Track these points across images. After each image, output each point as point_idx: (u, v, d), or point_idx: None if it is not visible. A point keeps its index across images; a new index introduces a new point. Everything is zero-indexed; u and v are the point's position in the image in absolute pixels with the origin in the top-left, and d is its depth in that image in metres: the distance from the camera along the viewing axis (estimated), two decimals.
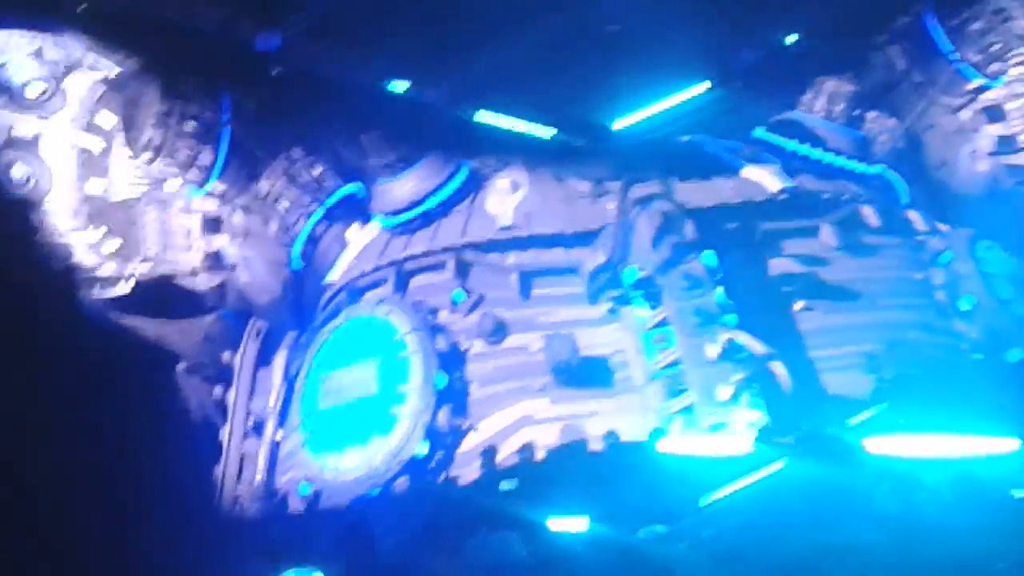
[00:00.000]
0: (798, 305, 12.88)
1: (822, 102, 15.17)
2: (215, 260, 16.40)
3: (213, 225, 16.38)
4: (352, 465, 12.49)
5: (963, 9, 15.22)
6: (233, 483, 14.16)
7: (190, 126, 15.51)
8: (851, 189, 14.40)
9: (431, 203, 14.39)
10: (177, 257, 16.38)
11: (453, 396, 12.67)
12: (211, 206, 16.47)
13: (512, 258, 13.63)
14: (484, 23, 14.86)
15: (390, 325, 13.10)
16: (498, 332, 13.08)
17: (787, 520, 10.97)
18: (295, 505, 13.22)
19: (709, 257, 12.49)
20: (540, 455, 12.22)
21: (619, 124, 14.39)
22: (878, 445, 11.03)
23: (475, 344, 13.13)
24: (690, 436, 11.58)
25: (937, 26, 15.43)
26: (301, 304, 16.25)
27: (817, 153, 14.64)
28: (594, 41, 14.35)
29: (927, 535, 10.92)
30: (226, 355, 15.17)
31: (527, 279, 13.49)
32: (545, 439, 12.26)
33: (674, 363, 11.99)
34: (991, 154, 15.81)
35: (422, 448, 12.35)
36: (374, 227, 15.24)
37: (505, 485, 12.08)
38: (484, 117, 14.60)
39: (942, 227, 14.67)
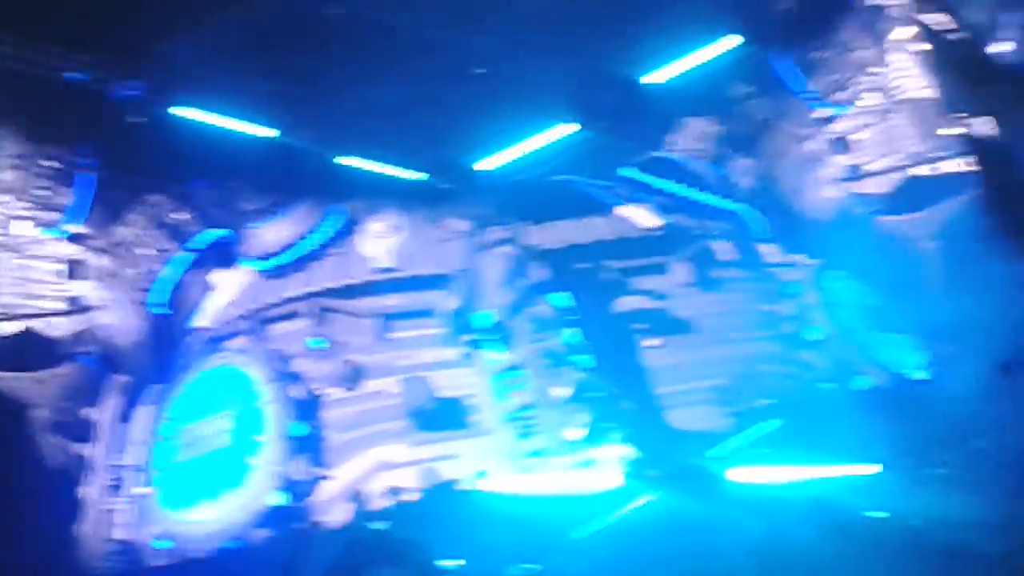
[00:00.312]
0: (651, 342, 13.18)
1: (687, 141, 15.60)
2: (76, 304, 16.55)
3: (74, 269, 16.55)
4: (208, 518, 12.38)
5: (808, 41, 15.81)
6: (95, 540, 13.92)
7: (47, 168, 15.33)
8: (710, 225, 14.83)
9: (304, 247, 14.41)
10: (35, 304, 16.17)
11: (310, 444, 12.64)
12: (72, 250, 16.51)
13: (370, 302, 13.70)
14: (350, 69, 14.93)
15: (245, 376, 13.04)
16: (355, 378, 13.10)
17: (657, 552, 11.16)
18: (154, 561, 13.04)
19: (562, 299, 12.73)
20: (405, 498, 12.25)
21: (485, 165, 14.76)
22: (742, 475, 11.31)
23: (333, 391, 13.13)
24: (549, 475, 11.73)
25: (784, 59, 15.95)
26: (164, 351, 16.11)
27: (683, 190, 15.09)
28: (461, 84, 14.57)
29: (793, 561, 11.20)
30: (89, 411, 14.90)
31: (385, 323, 13.54)
32: (403, 483, 12.32)
33: (526, 406, 12.14)
34: (838, 181, 16.46)
35: (279, 498, 12.30)
36: (245, 272, 15.18)
37: (376, 525, 12.05)
38: (351, 162, 14.87)
39: (796, 259, 15.15)
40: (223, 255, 15.81)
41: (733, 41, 13.81)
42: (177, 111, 13.69)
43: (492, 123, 14.63)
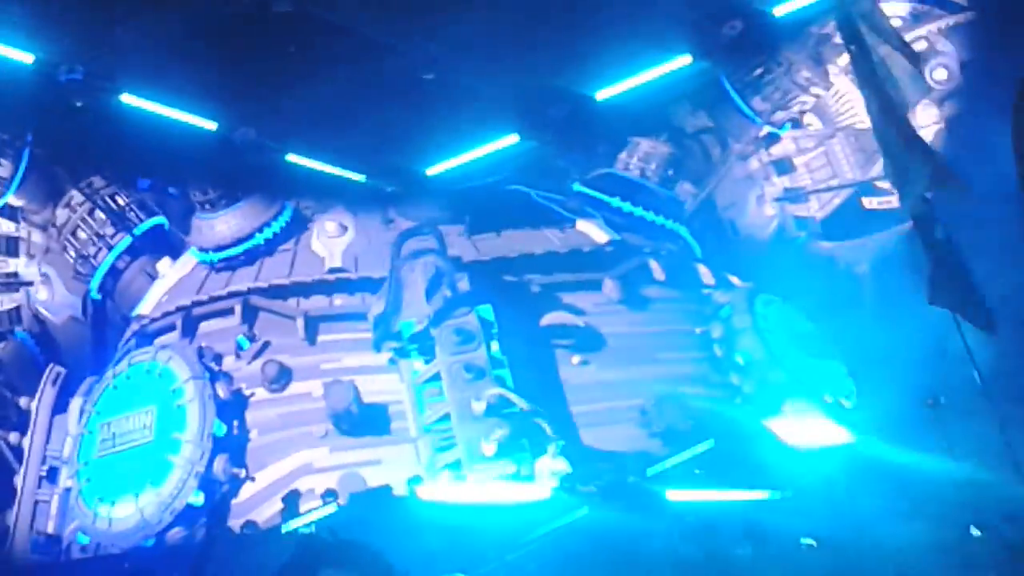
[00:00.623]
0: (575, 359, 13.22)
1: (636, 160, 15.79)
2: (11, 280, 16.28)
3: (10, 245, 16.25)
4: (125, 515, 12.29)
5: (752, 61, 15.92)
6: (26, 530, 13.83)
7: None
8: (648, 243, 14.86)
9: (256, 241, 14.39)
10: None
11: (231, 445, 12.60)
12: (8, 227, 16.33)
13: (304, 303, 13.69)
14: (296, 66, 14.77)
15: (170, 372, 12.94)
16: (281, 379, 13.05)
17: (587, 567, 11.18)
18: (76, 555, 12.98)
19: (486, 311, 12.70)
20: (328, 503, 12.24)
21: (432, 170, 14.69)
22: (677, 494, 11.36)
23: (258, 391, 13.08)
24: (474, 486, 11.72)
25: (732, 79, 16.09)
26: (100, 339, 16.06)
27: (628, 207, 15.22)
28: (410, 88, 14.50)
29: None
30: (23, 400, 14.79)
31: (314, 324, 13.52)
32: (322, 488, 12.32)
33: (443, 417, 12.14)
34: (777, 200, 16.67)
35: (196, 498, 12.27)
36: (187, 262, 15.11)
37: (305, 529, 12.01)
38: (295, 159, 14.67)
39: (731, 280, 15.26)
40: (165, 244, 15.88)
41: (683, 61, 13.78)
42: (124, 98, 13.60)
43: (441, 130, 14.57)
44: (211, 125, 14.05)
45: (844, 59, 15.38)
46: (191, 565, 11.81)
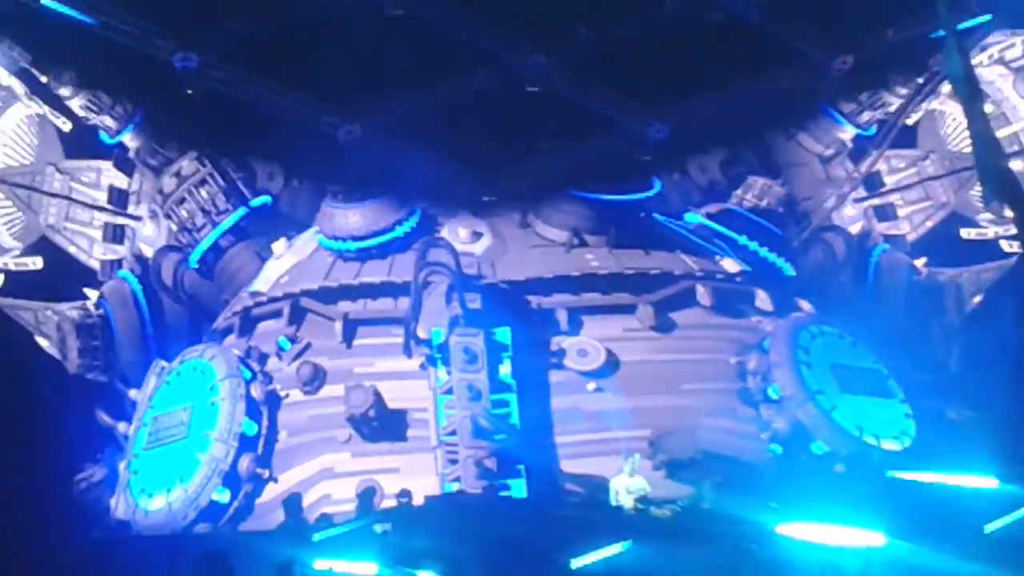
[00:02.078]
0: (591, 385, 12.70)
1: (752, 197, 15.60)
2: (115, 234, 16.68)
3: (120, 198, 16.64)
4: (157, 508, 12.68)
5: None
6: (90, 509, 14.49)
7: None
8: (696, 267, 14.13)
9: (395, 234, 14.29)
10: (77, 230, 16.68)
11: (259, 445, 12.75)
12: (121, 182, 16.64)
13: (341, 306, 13.63)
14: (403, 71, 15.00)
15: (211, 370, 13.23)
16: (315, 380, 13.09)
17: None
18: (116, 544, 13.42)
19: (502, 334, 12.45)
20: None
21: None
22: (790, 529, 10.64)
23: (293, 392, 13.19)
24: None
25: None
26: (194, 308, 16.36)
27: (746, 242, 15.01)
28: (512, 100, 14.73)
29: None
30: (132, 392, 15.31)
31: (351, 328, 13.44)
32: (340, 493, 12.33)
33: (451, 432, 11.91)
34: (858, 201, 15.84)
35: (221, 495, 12.50)
36: (305, 244, 15.11)
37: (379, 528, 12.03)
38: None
39: (802, 305, 14.35)
40: (269, 225, 15.94)
41: None
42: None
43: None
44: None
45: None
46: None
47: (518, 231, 14.53)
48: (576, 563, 10.48)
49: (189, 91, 14.84)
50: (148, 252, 16.51)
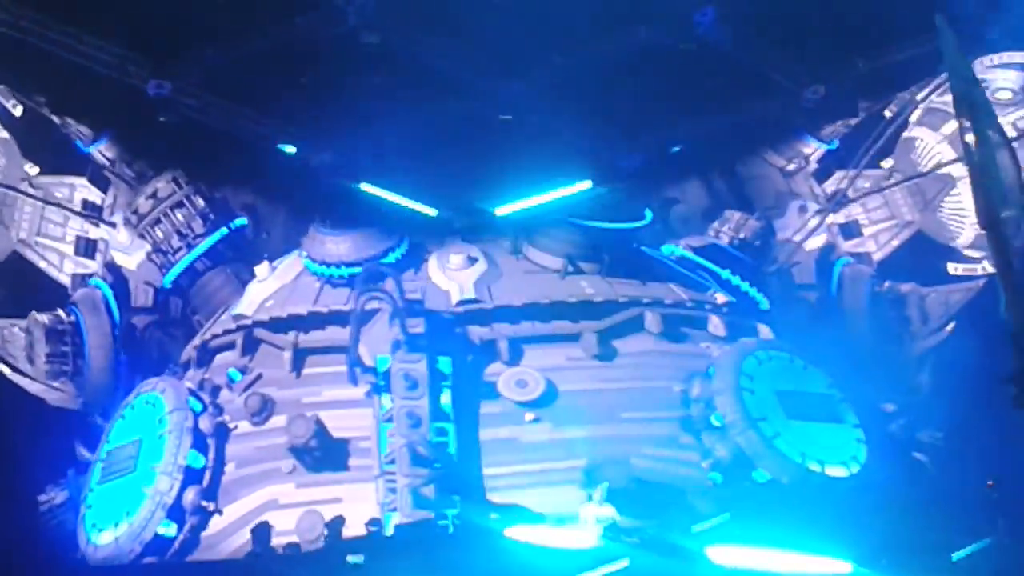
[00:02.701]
0: (528, 416, 12.52)
1: (728, 229, 15.80)
2: (87, 248, 16.54)
3: (95, 212, 16.52)
4: (105, 542, 12.57)
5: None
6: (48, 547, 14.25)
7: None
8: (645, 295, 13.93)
9: (387, 261, 14.26)
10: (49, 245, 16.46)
11: (205, 477, 12.63)
12: (95, 196, 16.54)
13: (291, 336, 13.55)
14: (378, 99, 15.09)
15: (161, 402, 13.18)
16: (263, 411, 12.99)
17: None
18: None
19: (444, 363, 12.36)
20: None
21: (501, 211, 14.78)
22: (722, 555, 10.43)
23: (241, 424, 13.09)
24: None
25: None
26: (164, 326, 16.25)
27: (729, 276, 15.01)
28: (485, 128, 14.97)
29: None
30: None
31: (301, 357, 13.40)
32: (285, 524, 12.18)
33: (391, 460, 11.79)
34: (821, 211, 15.83)
35: (167, 529, 12.40)
36: (290, 269, 15.04)
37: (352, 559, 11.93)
38: (368, 188, 14.81)
39: (761, 329, 14.17)
40: (246, 250, 16.08)
41: None
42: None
43: (513, 170, 14.81)
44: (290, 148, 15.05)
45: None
46: None
47: (511, 257, 14.54)
48: None
49: (162, 118, 15.04)
50: (121, 260, 16.49)
